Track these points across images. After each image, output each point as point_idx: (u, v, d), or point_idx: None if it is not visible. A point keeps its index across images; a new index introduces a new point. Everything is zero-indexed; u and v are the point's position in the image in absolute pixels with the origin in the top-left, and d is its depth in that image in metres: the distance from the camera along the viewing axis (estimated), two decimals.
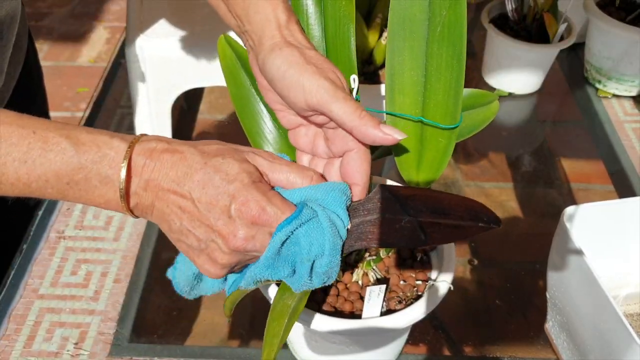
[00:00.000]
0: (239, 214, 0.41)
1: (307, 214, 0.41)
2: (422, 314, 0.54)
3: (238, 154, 0.42)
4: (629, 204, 0.65)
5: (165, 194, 0.41)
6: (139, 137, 0.42)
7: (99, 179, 0.41)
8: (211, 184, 0.41)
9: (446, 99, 0.49)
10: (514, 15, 1.03)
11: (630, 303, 0.71)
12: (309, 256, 0.42)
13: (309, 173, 0.44)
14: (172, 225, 0.42)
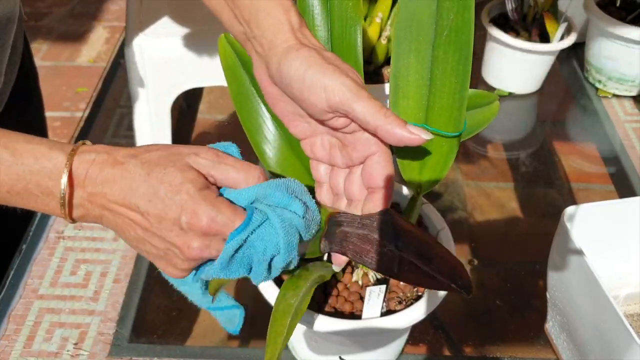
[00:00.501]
0: (190, 227, 0.40)
1: (257, 219, 0.41)
2: (423, 315, 0.54)
3: (179, 161, 0.41)
4: (629, 203, 0.65)
5: (113, 206, 0.41)
6: (78, 147, 0.41)
7: (39, 189, 0.40)
8: (157, 197, 0.40)
9: (451, 104, 0.49)
10: (514, 15, 1.03)
11: (630, 303, 0.71)
12: (265, 257, 0.42)
13: (255, 172, 0.43)
14: (127, 234, 0.42)
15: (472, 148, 0.99)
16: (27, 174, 0.40)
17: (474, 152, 0.98)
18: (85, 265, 0.77)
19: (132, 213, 0.41)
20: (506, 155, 0.98)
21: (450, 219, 0.85)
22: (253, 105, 0.53)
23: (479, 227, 0.85)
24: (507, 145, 1.01)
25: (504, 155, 0.98)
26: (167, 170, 0.40)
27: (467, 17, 0.48)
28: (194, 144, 1.07)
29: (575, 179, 0.93)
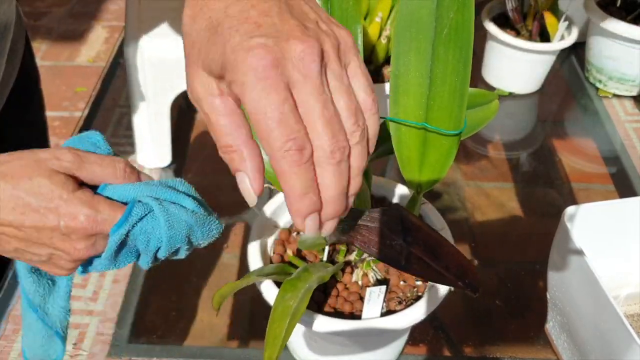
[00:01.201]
0: (71, 230, 0.40)
1: (138, 212, 0.40)
2: (423, 315, 0.53)
3: (42, 168, 0.40)
4: (630, 203, 0.65)
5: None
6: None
7: None
8: (29, 209, 0.39)
9: (451, 102, 0.49)
10: (514, 15, 1.03)
11: (630, 303, 0.71)
12: (149, 249, 0.42)
13: (120, 165, 0.42)
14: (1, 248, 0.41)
15: (472, 148, 0.99)
16: None
17: (474, 152, 0.98)
18: None
19: (4, 228, 0.40)
20: (506, 155, 0.98)
21: (450, 219, 0.85)
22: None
23: (479, 227, 0.85)
24: (508, 145, 1.00)
25: (504, 155, 0.98)
26: (33, 180, 0.39)
27: (467, 15, 0.48)
28: (193, 144, 1.07)
29: (575, 179, 0.93)
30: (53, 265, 0.42)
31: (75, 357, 0.68)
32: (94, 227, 0.40)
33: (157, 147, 0.93)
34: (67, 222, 0.39)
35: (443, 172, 0.50)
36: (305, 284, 0.48)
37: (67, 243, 0.40)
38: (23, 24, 0.77)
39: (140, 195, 0.41)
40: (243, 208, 0.82)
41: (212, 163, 0.95)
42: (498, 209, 0.88)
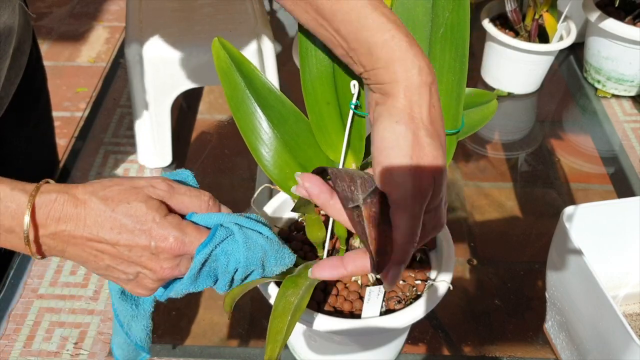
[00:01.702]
0: (160, 250, 0.44)
1: (221, 234, 0.45)
2: (422, 314, 0.54)
3: (139, 194, 0.44)
4: (628, 203, 0.65)
5: (79, 241, 0.43)
6: (39, 186, 0.43)
7: (2, 229, 0.42)
8: (125, 229, 0.43)
9: (448, 102, 0.49)
10: (513, 15, 1.03)
11: (629, 303, 0.71)
12: (228, 270, 0.46)
13: (205, 197, 0.47)
14: (93, 264, 0.45)
15: (471, 148, 0.99)
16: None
17: (473, 152, 0.98)
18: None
19: (99, 245, 0.44)
20: (505, 156, 0.98)
21: (449, 219, 0.85)
22: (248, 107, 0.53)
23: (478, 227, 0.85)
24: (507, 145, 1.01)
25: (503, 155, 0.98)
26: (131, 204, 0.44)
27: (462, 14, 0.48)
28: (194, 144, 1.07)
29: (574, 179, 0.93)
30: (137, 285, 0.46)
31: (76, 357, 0.68)
32: (181, 248, 0.44)
33: (157, 147, 0.93)
34: (157, 243, 0.44)
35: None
36: (306, 281, 0.48)
37: (154, 262, 0.44)
38: (30, 25, 0.78)
39: (222, 221, 0.46)
40: (243, 207, 0.82)
41: (212, 163, 0.96)
42: (497, 208, 0.88)
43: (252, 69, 0.52)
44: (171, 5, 0.97)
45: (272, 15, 1.33)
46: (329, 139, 0.52)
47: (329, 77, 0.51)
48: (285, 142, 0.53)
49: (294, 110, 0.53)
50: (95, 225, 0.43)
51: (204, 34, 0.91)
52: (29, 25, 0.77)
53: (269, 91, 0.53)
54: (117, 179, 0.46)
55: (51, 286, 0.75)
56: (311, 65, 0.51)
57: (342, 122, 0.52)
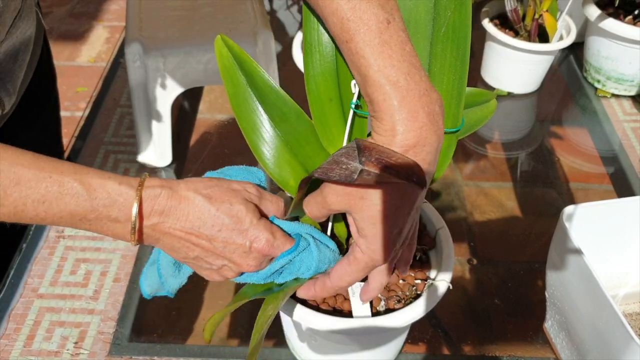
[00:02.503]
0: (253, 249, 0.48)
1: (302, 246, 0.51)
2: (421, 313, 0.54)
3: (238, 196, 0.49)
4: (628, 203, 0.65)
5: (177, 233, 0.47)
6: (143, 181, 0.47)
7: (109, 219, 0.46)
8: (226, 228, 0.47)
9: (449, 101, 0.49)
10: (512, 15, 1.04)
11: (629, 302, 0.71)
12: (298, 273, 0.52)
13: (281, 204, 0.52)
14: (182, 254, 0.49)
15: (471, 148, 0.99)
16: (100, 206, 0.45)
17: (473, 152, 0.98)
18: (86, 265, 0.78)
19: (196, 239, 0.47)
20: (505, 155, 0.98)
21: (449, 219, 0.85)
22: (250, 106, 0.53)
23: (478, 227, 0.85)
24: (506, 145, 1.01)
25: (503, 155, 0.98)
26: (233, 206, 0.48)
27: (464, 13, 0.48)
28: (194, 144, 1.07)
29: (574, 179, 0.93)
30: (216, 273, 0.51)
31: (76, 356, 0.68)
32: (270, 250, 0.49)
33: (158, 147, 0.93)
34: (252, 243, 0.48)
35: (442, 169, 0.50)
36: (285, 294, 0.51)
37: (243, 259, 0.49)
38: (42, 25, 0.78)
39: (301, 231, 0.52)
40: None
41: (212, 162, 0.96)
42: (497, 208, 0.88)
43: (255, 67, 0.52)
44: (171, 5, 0.97)
45: (272, 15, 1.33)
46: (330, 134, 0.52)
47: (332, 73, 0.51)
48: (286, 141, 0.53)
49: (295, 109, 0.53)
50: (197, 220, 0.47)
51: (204, 33, 0.91)
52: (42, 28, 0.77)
53: (270, 89, 0.53)
54: (215, 179, 0.50)
55: (51, 286, 0.75)
56: (315, 61, 0.51)
57: (344, 119, 0.52)
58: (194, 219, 0.47)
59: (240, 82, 0.53)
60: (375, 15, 0.43)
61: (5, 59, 0.64)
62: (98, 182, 0.45)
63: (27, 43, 0.68)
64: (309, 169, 0.54)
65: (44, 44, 0.81)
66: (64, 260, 0.78)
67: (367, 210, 0.44)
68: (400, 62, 0.43)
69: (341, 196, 0.45)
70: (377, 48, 0.43)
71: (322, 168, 0.43)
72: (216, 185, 0.49)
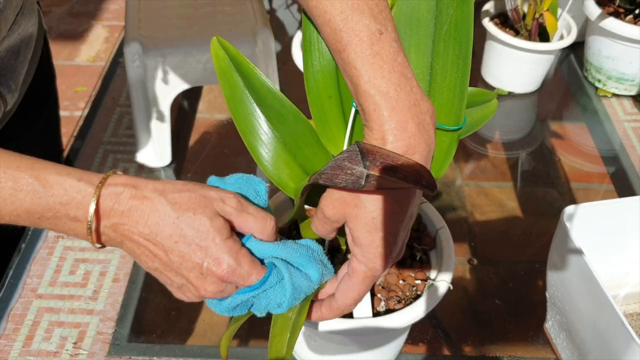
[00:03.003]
0: (211, 273, 0.43)
1: (272, 282, 0.45)
2: (422, 314, 0.54)
3: (208, 207, 0.44)
4: (629, 203, 0.65)
5: (136, 237, 0.43)
6: (106, 178, 0.44)
7: (67, 218, 0.43)
8: (183, 240, 0.43)
9: (451, 98, 0.49)
10: (513, 14, 1.03)
11: (629, 302, 0.71)
12: (265, 309, 0.47)
13: (270, 223, 0.46)
14: (144, 263, 0.45)
15: (472, 147, 0.99)
16: (57, 204, 0.43)
17: (474, 152, 0.98)
18: (85, 265, 0.77)
19: (154, 247, 0.44)
20: (506, 155, 0.98)
21: (449, 218, 0.85)
22: (247, 108, 0.53)
23: (479, 227, 0.85)
24: (507, 144, 1.01)
25: (503, 154, 0.98)
26: (196, 216, 0.43)
27: (466, 11, 0.48)
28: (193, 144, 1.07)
29: (574, 179, 0.93)
30: (180, 292, 0.46)
31: (75, 357, 0.68)
32: (230, 277, 0.44)
33: (157, 147, 0.93)
34: (209, 265, 0.43)
35: (442, 169, 0.50)
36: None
37: (200, 282, 0.44)
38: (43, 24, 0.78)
39: (278, 255, 0.46)
40: None
41: (211, 162, 0.95)
42: (497, 208, 0.88)
43: (251, 69, 0.52)
44: (171, 5, 0.97)
45: (272, 15, 1.33)
46: (330, 132, 0.52)
47: (331, 71, 0.51)
48: (284, 142, 0.53)
49: (293, 110, 0.53)
50: (155, 226, 0.43)
51: (203, 33, 0.91)
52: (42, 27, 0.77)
53: (268, 91, 0.53)
54: (190, 184, 0.45)
55: (50, 286, 0.75)
56: (314, 59, 0.51)
57: (344, 116, 0.52)
58: (152, 224, 0.43)
59: (237, 84, 0.52)
60: (367, 27, 0.43)
61: (7, 55, 0.64)
62: (55, 179, 0.43)
63: (29, 40, 0.67)
64: (308, 170, 0.54)
65: (44, 43, 0.81)
66: (63, 260, 0.78)
67: (362, 218, 0.44)
68: (391, 73, 0.43)
69: (336, 207, 0.44)
70: (368, 59, 0.43)
71: (326, 174, 0.43)
72: (188, 190, 0.44)
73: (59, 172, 0.43)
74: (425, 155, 0.44)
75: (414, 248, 0.60)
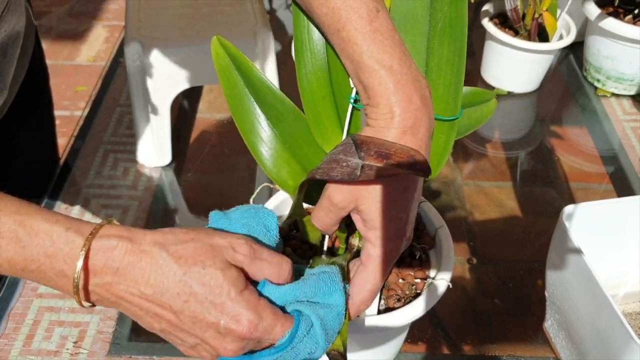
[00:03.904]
0: (230, 331, 0.38)
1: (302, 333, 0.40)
2: (421, 312, 0.54)
3: (218, 257, 0.39)
4: (628, 203, 0.65)
5: (136, 299, 0.38)
6: (98, 229, 0.38)
7: (53, 272, 0.38)
8: (194, 299, 0.38)
9: (446, 95, 0.49)
10: (513, 15, 1.03)
11: (628, 302, 0.71)
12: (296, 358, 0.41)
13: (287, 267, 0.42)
14: (147, 324, 0.40)
15: (471, 147, 0.99)
16: (42, 256, 0.38)
17: (473, 151, 0.98)
18: None
19: (159, 309, 0.38)
20: (505, 155, 0.98)
21: (449, 218, 0.85)
22: (247, 106, 0.53)
23: (478, 226, 0.85)
24: (506, 144, 1.01)
25: (503, 154, 0.98)
26: (206, 270, 0.38)
27: (460, 8, 0.48)
28: (193, 143, 1.07)
29: (573, 178, 0.93)
30: (193, 351, 0.41)
31: (76, 356, 0.68)
32: (253, 334, 0.38)
33: (157, 146, 0.93)
34: (227, 323, 0.38)
35: (440, 165, 0.50)
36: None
37: (218, 341, 0.39)
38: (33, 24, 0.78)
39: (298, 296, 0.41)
40: None
41: (211, 162, 0.95)
42: (497, 208, 0.88)
43: (251, 68, 0.52)
44: (171, 5, 0.97)
45: (272, 15, 1.33)
46: (325, 132, 0.52)
47: (324, 71, 0.51)
48: (284, 141, 0.53)
49: (293, 109, 0.53)
50: (159, 285, 0.37)
51: (203, 33, 0.91)
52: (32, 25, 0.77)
53: (267, 89, 0.53)
54: (193, 231, 0.40)
55: None
56: (306, 59, 0.51)
57: (338, 116, 0.52)
58: (155, 283, 0.37)
59: (237, 83, 0.52)
60: (365, 4, 0.43)
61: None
62: (42, 226, 0.37)
63: (16, 38, 0.67)
64: (308, 168, 0.54)
65: (36, 42, 0.80)
66: None
67: (375, 196, 0.43)
68: (392, 48, 0.43)
69: (346, 191, 0.44)
70: (369, 35, 0.43)
71: (322, 168, 0.43)
72: (192, 239, 0.39)
73: (46, 219, 0.38)
74: (428, 129, 0.44)
75: (414, 247, 0.60)
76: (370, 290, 0.45)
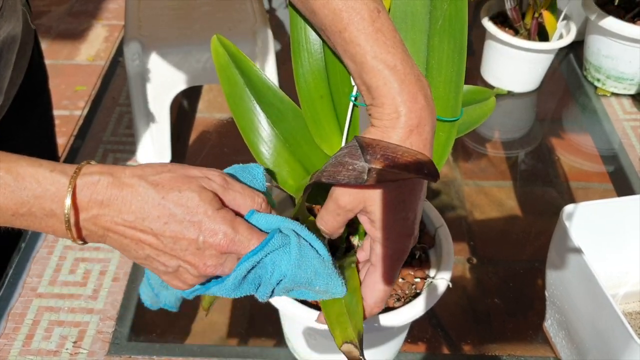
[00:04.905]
0: (208, 245, 0.41)
1: (275, 243, 0.42)
2: (421, 312, 0.54)
3: (193, 183, 0.42)
4: (628, 202, 0.65)
5: (120, 228, 0.41)
6: (81, 168, 0.41)
7: (43, 212, 0.40)
8: (173, 220, 0.41)
9: (447, 93, 0.49)
10: (512, 14, 1.03)
11: (629, 301, 0.71)
12: (270, 281, 0.43)
13: (258, 199, 0.45)
14: (133, 253, 0.43)
15: (471, 147, 0.99)
16: (31, 198, 0.40)
17: (473, 151, 0.98)
18: (84, 264, 0.77)
19: (142, 234, 0.41)
20: (505, 154, 0.98)
21: (449, 218, 0.85)
22: (247, 105, 0.53)
23: (478, 226, 0.85)
24: (506, 144, 1.01)
25: (503, 153, 0.98)
26: (182, 193, 0.41)
27: (460, 6, 0.48)
28: (193, 143, 1.07)
29: (574, 178, 0.93)
30: (176, 278, 0.44)
31: (75, 356, 0.68)
32: (230, 246, 0.41)
33: (157, 146, 0.93)
34: (205, 237, 0.41)
35: (440, 164, 0.50)
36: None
37: (198, 258, 0.42)
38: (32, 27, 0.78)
39: (281, 226, 0.43)
40: None
41: (211, 161, 0.95)
42: (497, 207, 0.88)
43: (251, 66, 0.52)
44: (170, 4, 0.97)
45: (272, 14, 1.33)
46: (323, 132, 0.52)
47: (321, 70, 0.51)
48: (284, 140, 0.53)
49: (292, 107, 0.53)
50: (140, 211, 0.41)
51: (203, 32, 0.91)
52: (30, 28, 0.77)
53: (267, 88, 0.53)
54: (170, 164, 0.43)
55: (50, 285, 0.75)
56: (303, 59, 0.51)
57: (336, 115, 0.52)
58: (136, 210, 0.40)
59: (237, 81, 0.52)
60: (366, 5, 0.43)
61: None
62: (27, 170, 0.40)
63: (12, 42, 0.67)
64: (308, 167, 0.54)
65: (35, 44, 0.80)
66: (62, 259, 0.78)
67: (382, 200, 0.43)
68: (395, 48, 0.43)
69: (353, 194, 0.44)
70: (372, 35, 0.43)
71: (327, 171, 0.43)
72: (169, 170, 0.43)
73: (30, 164, 0.40)
74: (432, 128, 0.44)
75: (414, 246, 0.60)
76: (383, 290, 0.46)
